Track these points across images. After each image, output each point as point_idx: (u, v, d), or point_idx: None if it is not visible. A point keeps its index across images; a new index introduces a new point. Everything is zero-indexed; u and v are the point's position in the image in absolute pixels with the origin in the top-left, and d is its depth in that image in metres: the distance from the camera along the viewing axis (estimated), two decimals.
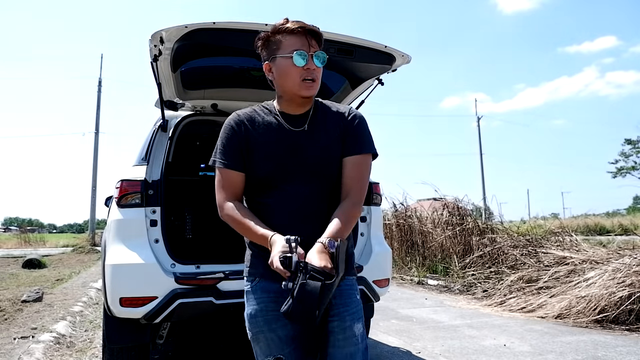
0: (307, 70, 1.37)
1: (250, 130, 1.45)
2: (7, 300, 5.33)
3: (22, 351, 3.34)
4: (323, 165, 1.42)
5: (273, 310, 1.36)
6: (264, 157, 1.42)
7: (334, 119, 1.46)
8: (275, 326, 1.37)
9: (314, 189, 1.41)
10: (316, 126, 1.45)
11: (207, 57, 2.68)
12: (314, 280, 1.09)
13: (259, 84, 3.07)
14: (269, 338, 1.38)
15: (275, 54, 1.40)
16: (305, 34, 1.38)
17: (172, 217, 4.35)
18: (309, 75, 1.38)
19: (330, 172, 1.43)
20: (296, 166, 1.41)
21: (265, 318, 1.38)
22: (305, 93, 1.39)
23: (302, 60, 1.36)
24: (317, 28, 1.42)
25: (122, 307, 2.32)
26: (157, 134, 2.80)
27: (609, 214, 30.45)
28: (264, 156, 1.42)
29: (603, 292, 4.34)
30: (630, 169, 32.40)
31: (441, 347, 3.66)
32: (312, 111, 1.46)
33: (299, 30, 1.37)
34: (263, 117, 1.46)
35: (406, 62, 2.56)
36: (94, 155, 23.58)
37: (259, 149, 1.43)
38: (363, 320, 1.44)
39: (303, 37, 1.38)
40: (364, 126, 1.48)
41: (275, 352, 1.38)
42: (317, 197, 1.42)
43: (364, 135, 1.46)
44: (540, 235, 6.95)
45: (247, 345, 1.46)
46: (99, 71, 30.15)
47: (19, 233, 25.94)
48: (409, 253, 8.87)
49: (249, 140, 1.44)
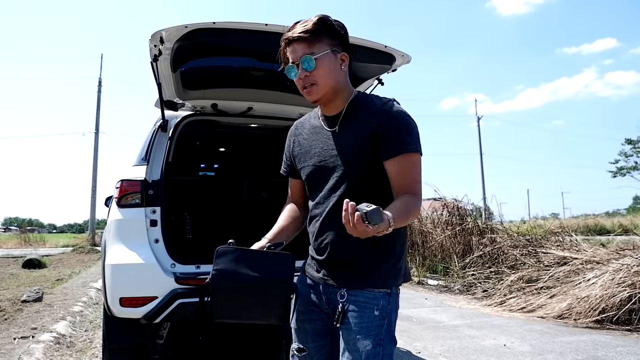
0: (300, 79, 1.35)
1: (298, 137, 1.53)
2: (7, 300, 5.34)
3: (22, 351, 3.34)
4: (350, 166, 1.37)
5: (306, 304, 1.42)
6: (305, 160, 1.47)
7: (367, 118, 1.37)
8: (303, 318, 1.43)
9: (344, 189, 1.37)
10: (347, 127, 1.40)
11: (207, 57, 2.68)
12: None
13: (259, 84, 3.07)
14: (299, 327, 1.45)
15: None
16: (291, 44, 1.35)
17: (172, 217, 4.35)
18: (305, 83, 1.35)
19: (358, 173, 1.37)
20: (329, 167, 1.40)
21: (299, 309, 1.43)
22: (309, 99, 1.38)
23: (293, 74, 1.35)
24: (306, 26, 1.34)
25: (122, 307, 2.32)
26: (157, 134, 2.80)
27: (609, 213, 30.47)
28: (305, 159, 1.48)
29: (603, 292, 4.33)
30: (631, 168, 32.33)
31: (441, 347, 3.66)
32: (344, 111, 1.42)
33: (285, 42, 1.36)
34: (310, 122, 1.52)
35: (406, 62, 2.55)
36: (94, 155, 23.61)
37: (303, 153, 1.49)
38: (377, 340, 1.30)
39: (290, 48, 1.35)
40: (399, 124, 1.34)
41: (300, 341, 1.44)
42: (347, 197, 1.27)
43: (399, 134, 1.33)
44: (540, 235, 6.95)
45: (247, 345, 1.46)
46: (99, 71, 30.07)
47: (19, 233, 25.92)
48: (409, 253, 8.87)
49: (296, 147, 1.52)
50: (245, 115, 3.21)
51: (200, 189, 5.07)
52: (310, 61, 1.32)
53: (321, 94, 1.37)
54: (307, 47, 1.33)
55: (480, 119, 33.50)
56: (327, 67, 1.34)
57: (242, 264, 1.33)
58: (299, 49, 1.33)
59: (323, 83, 1.35)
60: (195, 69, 2.80)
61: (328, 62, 1.35)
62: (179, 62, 2.56)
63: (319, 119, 1.47)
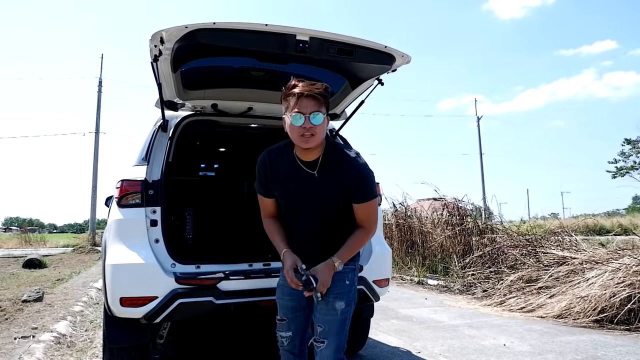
0: (304, 128, 1.70)
1: (272, 169, 1.89)
2: (7, 300, 5.34)
3: (23, 351, 3.35)
4: (327, 206, 1.85)
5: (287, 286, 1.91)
6: (281, 194, 1.92)
7: (341, 169, 1.82)
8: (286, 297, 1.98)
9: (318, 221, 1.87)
10: (324, 173, 1.82)
11: (207, 57, 2.68)
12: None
13: (259, 84, 3.07)
14: (281, 304, 2.01)
15: (285, 111, 1.77)
16: (305, 98, 1.69)
17: (172, 217, 4.36)
18: (307, 132, 1.71)
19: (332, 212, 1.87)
20: (305, 204, 1.86)
21: (282, 290, 2.00)
22: (304, 145, 1.74)
23: (299, 121, 1.70)
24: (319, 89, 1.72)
25: (123, 307, 2.32)
26: (158, 134, 2.81)
27: (609, 213, 30.45)
28: (280, 193, 1.92)
29: (603, 292, 4.34)
30: (630, 169, 32.35)
31: (441, 347, 3.67)
32: (321, 159, 1.82)
33: (298, 95, 1.70)
34: (284, 159, 1.87)
35: (406, 62, 2.56)
36: (94, 155, 23.58)
37: (278, 187, 1.91)
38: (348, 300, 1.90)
39: (303, 100, 1.70)
40: (368, 177, 1.83)
41: (282, 314, 2.00)
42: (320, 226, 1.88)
43: (368, 185, 1.83)
44: (540, 235, 6.95)
45: (247, 345, 1.47)
46: (99, 71, 30.01)
47: (19, 233, 25.91)
48: (408, 253, 8.87)
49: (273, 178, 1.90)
50: (245, 115, 3.21)
51: (201, 189, 5.08)
52: (320, 118, 1.71)
53: (315, 144, 1.75)
54: (316, 105, 1.71)
55: (480, 119, 33.47)
56: (323, 126, 1.75)
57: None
58: (310, 106, 1.70)
59: (319, 137, 1.75)
60: (196, 69, 2.80)
61: (324, 121, 1.75)
62: (179, 62, 2.57)
63: (295, 160, 1.84)
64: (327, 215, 1.87)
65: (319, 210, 1.86)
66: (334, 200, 1.84)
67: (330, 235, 1.90)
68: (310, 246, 1.91)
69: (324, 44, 2.24)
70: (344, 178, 1.81)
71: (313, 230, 1.89)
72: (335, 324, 1.87)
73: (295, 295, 1.94)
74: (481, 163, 32.63)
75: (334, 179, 1.82)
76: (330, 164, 1.83)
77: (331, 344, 1.87)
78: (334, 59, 2.34)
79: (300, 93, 1.70)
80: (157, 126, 2.85)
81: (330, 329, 1.87)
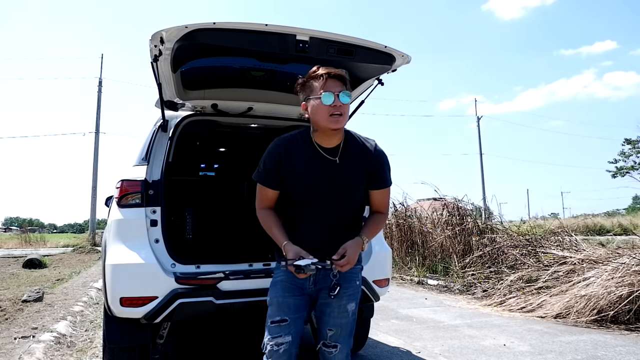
0: (334, 107, 1.67)
1: (287, 157, 1.78)
2: (7, 300, 5.34)
3: (23, 351, 3.35)
4: (348, 192, 1.79)
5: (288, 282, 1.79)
6: (297, 184, 1.78)
7: (362, 154, 1.80)
8: (288, 294, 1.79)
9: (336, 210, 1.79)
10: (346, 159, 1.78)
11: (207, 57, 2.68)
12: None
13: (259, 84, 3.07)
14: (281, 303, 1.78)
15: (310, 95, 1.73)
16: (331, 78, 1.69)
17: (172, 217, 4.36)
18: (337, 111, 1.68)
19: (351, 201, 1.82)
20: (323, 193, 1.77)
21: (283, 286, 1.80)
22: (333, 126, 1.69)
23: (330, 99, 1.67)
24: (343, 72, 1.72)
25: (123, 307, 2.32)
26: (158, 134, 2.81)
27: (609, 213, 30.44)
28: (296, 183, 1.78)
29: (602, 291, 4.34)
30: (630, 169, 32.35)
31: (441, 346, 3.67)
32: (342, 145, 1.79)
33: (326, 75, 1.69)
34: (301, 147, 1.79)
35: (406, 62, 2.56)
36: (94, 155, 23.55)
37: (293, 177, 1.78)
38: (358, 301, 1.86)
39: (330, 80, 1.69)
40: (386, 163, 1.86)
41: (283, 315, 1.77)
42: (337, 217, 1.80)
43: (386, 171, 1.85)
44: (539, 235, 6.94)
45: (247, 345, 1.47)
46: (99, 71, 29.98)
47: (19, 233, 25.91)
48: (408, 253, 8.87)
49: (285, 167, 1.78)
50: (245, 115, 3.21)
51: (201, 189, 5.08)
52: (348, 96, 1.71)
53: (342, 124, 1.71)
54: (343, 85, 1.71)
55: (480, 119, 33.45)
56: (349, 107, 1.75)
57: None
58: (338, 85, 1.70)
59: (346, 117, 1.72)
60: (196, 69, 2.80)
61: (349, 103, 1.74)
62: (179, 62, 2.57)
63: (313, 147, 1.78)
64: (346, 204, 1.80)
65: (338, 199, 1.78)
66: (355, 187, 1.79)
67: (346, 228, 1.81)
68: (323, 239, 1.78)
69: (324, 44, 2.24)
70: (367, 163, 1.79)
71: (329, 221, 1.79)
72: (347, 327, 1.82)
73: (299, 291, 1.79)
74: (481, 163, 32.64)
75: (357, 165, 1.78)
76: (352, 149, 1.79)
77: (344, 348, 1.81)
78: (334, 59, 2.34)
79: (327, 73, 1.69)
80: (157, 126, 2.85)
81: (343, 332, 1.81)
